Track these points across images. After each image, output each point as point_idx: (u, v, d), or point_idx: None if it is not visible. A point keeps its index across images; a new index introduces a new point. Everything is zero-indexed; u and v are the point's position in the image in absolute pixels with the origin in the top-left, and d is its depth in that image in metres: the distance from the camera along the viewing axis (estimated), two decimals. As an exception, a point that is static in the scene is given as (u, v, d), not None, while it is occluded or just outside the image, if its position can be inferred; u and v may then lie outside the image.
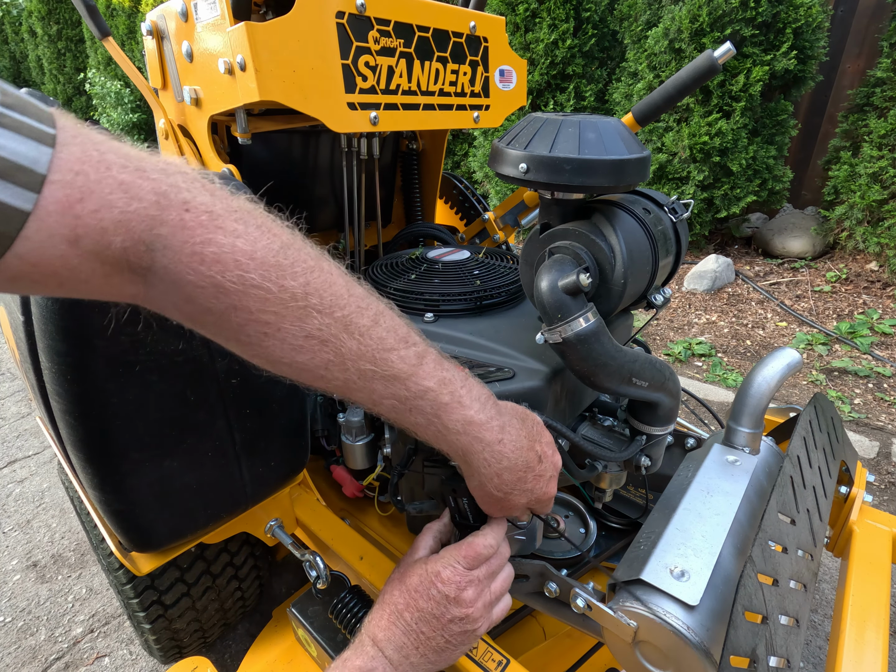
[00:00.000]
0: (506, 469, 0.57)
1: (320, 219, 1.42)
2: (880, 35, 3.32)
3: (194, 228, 0.39)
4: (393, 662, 0.57)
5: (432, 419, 0.52)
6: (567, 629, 1.05)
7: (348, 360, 0.47)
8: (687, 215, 0.83)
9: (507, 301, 0.98)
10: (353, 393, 0.50)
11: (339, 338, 0.46)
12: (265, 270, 0.41)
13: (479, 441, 0.54)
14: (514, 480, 0.58)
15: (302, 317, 0.44)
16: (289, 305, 0.43)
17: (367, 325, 0.47)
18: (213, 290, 0.40)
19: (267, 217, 0.45)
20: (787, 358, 0.85)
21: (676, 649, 0.57)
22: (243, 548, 1.16)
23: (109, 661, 1.38)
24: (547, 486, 0.62)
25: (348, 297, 0.47)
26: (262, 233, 0.42)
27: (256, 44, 0.79)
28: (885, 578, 0.85)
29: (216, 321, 0.43)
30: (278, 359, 0.46)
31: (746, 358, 2.89)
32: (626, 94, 3.86)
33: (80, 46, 8.05)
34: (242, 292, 0.41)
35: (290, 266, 0.43)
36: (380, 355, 0.48)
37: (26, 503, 1.98)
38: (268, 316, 0.42)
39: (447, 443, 0.54)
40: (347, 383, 0.48)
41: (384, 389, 0.49)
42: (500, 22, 1.16)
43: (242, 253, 0.40)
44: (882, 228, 3.25)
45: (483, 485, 0.58)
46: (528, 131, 0.71)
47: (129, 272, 0.39)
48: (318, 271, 0.45)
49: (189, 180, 0.40)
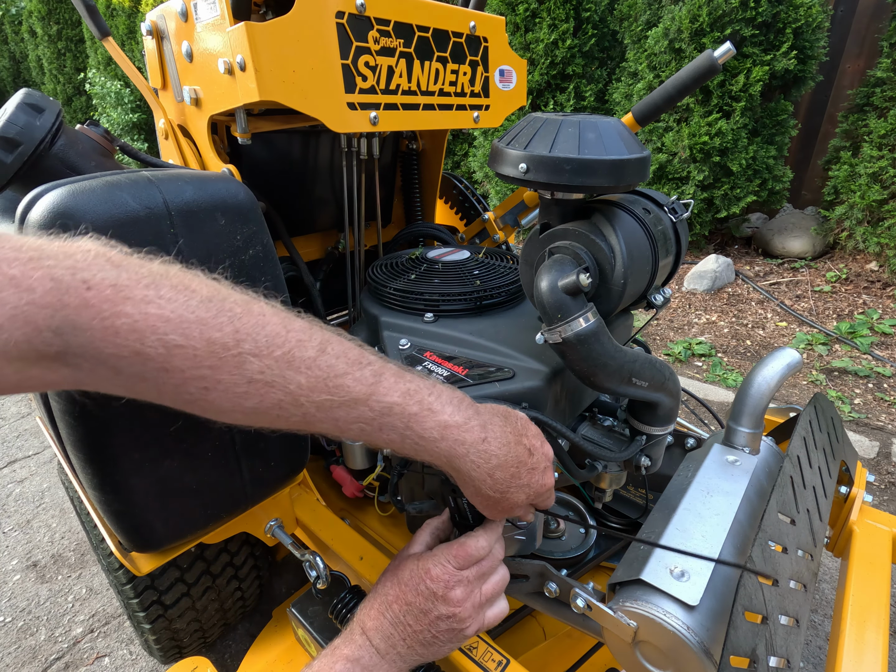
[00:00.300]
0: (497, 467, 0.56)
1: (320, 219, 1.42)
2: (880, 35, 3.32)
3: (99, 304, 0.39)
4: (380, 651, 0.57)
5: (405, 433, 0.52)
6: (567, 629, 1.05)
7: (300, 395, 0.47)
8: (687, 215, 0.83)
9: (507, 301, 0.98)
10: (316, 425, 0.50)
11: (284, 376, 0.46)
12: (186, 328, 0.41)
13: (461, 444, 0.54)
14: (508, 478, 0.58)
15: (239, 364, 0.44)
16: (222, 356, 0.43)
17: (312, 357, 0.47)
18: (138, 359, 0.41)
19: (184, 275, 0.45)
20: (787, 358, 0.85)
21: (676, 649, 0.57)
22: (243, 548, 1.16)
23: (109, 661, 1.38)
24: (543, 478, 0.61)
25: (286, 333, 0.47)
26: (178, 292, 0.42)
27: (256, 44, 0.79)
28: (885, 578, 0.85)
29: (153, 387, 0.43)
30: (229, 409, 0.46)
31: (746, 358, 2.89)
32: (626, 94, 3.86)
33: (80, 46, 8.05)
34: (167, 355, 0.41)
35: (213, 318, 0.43)
36: (333, 383, 0.48)
37: (26, 503, 1.98)
38: (203, 371, 0.43)
39: (429, 453, 0.54)
40: (307, 417, 0.48)
41: (347, 415, 0.49)
42: (500, 22, 1.16)
43: (157, 317, 0.41)
44: (882, 228, 3.25)
45: (478, 489, 0.58)
46: (528, 131, 0.71)
47: (46, 360, 0.39)
48: (247, 316, 0.45)
49: (90, 258, 0.40)
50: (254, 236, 0.79)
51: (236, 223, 0.77)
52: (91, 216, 0.63)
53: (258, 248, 0.80)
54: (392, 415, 0.51)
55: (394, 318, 0.93)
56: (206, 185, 0.75)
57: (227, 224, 0.76)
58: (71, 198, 0.63)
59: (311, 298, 1.30)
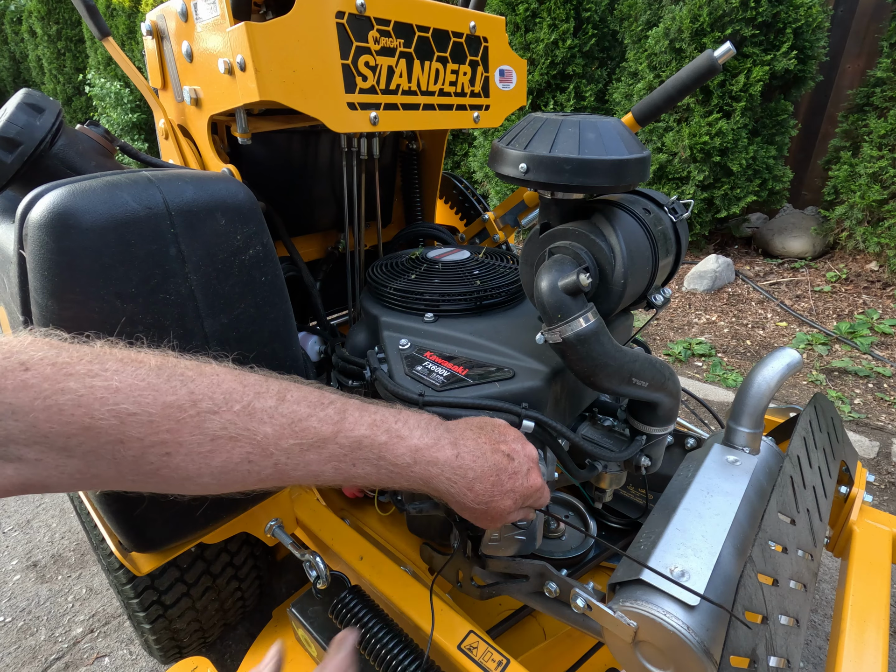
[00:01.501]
0: (475, 480, 0.57)
1: (320, 219, 1.42)
2: (880, 35, 3.32)
3: (39, 384, 0.38)
4: None
5: (379, 463, 0.52)
6: (567, 629, 1.05)
7: (268, 445, 0.46)
8: (687, 215, 0.83)
9: (507, 301, 0.98)
10: (289, 474, 0.49)
11: (248, 428, 0.45)
12: (138, 395, 0.41)
13: (434, 464, 0.54)
14: (490, 487, 0.58)
15: (199, 423, 0.43)
16: (180, 419, 0.42)
17: (273, 406, 0.47)
18: (89, 434, 0.39)
19: (129, 350, 0.44)
20: (787, 358, 0.85)
21: (676, 649, 0.57)
22: (243, 548, 1.16)
23: (109, 661, 1.38)
24: (528, 481, 0.61)
25: (243, 388, 0.47)
26: (124, 364, 0.42)
27: (256, 44, 0.79)
28: (885, 578, 0.85)
29: (110, 465, 0.42)
30: (195, 474, 0.45)
31: (746, 358, 2.88)
32: (626, 94, 3.85)
33: (80, 46, 8.04)
34: (121, 424, 0.40)
35: (165, 383, 0.43)
36: (298, 427, 0.48)
37: (26, 503, 1.98)
38: (162, 436, 0.42)
39: (406, 479, 0.54)
40: (278, 467, 0.48)
41: (319, 457, 0.49)
42: (500, 22, 1.16)
43: (104, 389, 0.40)
44: (882, 228, 3.25)
45: (462, 504, 0.58)
46: (528, 131, 0.71)
47: None
48: (200, 377, 0.45)
49: (26, 343, 0.40)
50: (254, 236, 0.79)
51: (236, 223, 0.77)
52: (91, 216, 0.63)
53: (258, 248, 0.80)
54: (362, 448, 0.51)
55: (394, 318, 0.93)
56: (206, 185, 0.75)
57: (227, 224, 0.76)
58: (71, 198, 0.63)
59: (311, 298, 1.30)
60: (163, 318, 0.71)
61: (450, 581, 0.92)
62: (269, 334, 0.84)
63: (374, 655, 0.80)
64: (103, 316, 0.65)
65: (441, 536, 1.02)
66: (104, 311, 0.65)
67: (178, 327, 0.72)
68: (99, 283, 0.64)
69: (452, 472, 0.55)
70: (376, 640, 0.81)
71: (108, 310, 0.65)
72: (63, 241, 0.62)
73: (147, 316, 0.69)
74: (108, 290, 0.65)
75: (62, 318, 0.64)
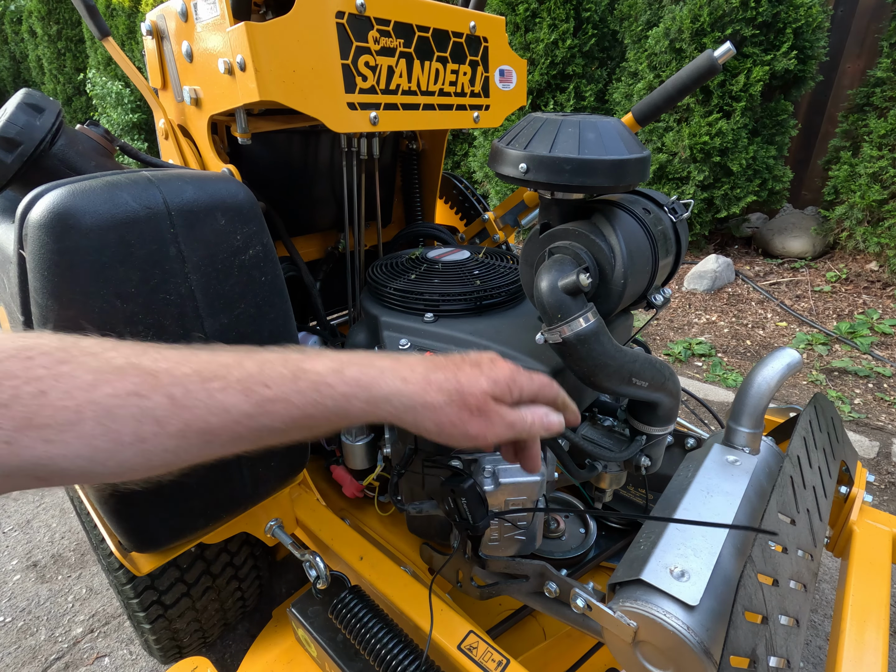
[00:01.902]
0: (430, 370, 0.50)
1: (320, 219, 1.42)
2: (880, 35, 3.32)
3: None
4: None
5: (297, 381, 0.45)
6: (567, 629, 1.05)
7: (159, 372, 0.41)
8: (687, 215, 0.83)
9: (507, 301, 0.98)
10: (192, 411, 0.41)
11: (134, 363, 0.40)
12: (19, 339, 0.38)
13: (369, 367, 0.48)
14: (452, 377, 0.50)
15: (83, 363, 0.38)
16: (60, 358, 0.38)
17: (175, 350, 0.43)
18: None
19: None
20: (787, 358, 0.85)
21: (676, 649, 0.57)
22: (243, 548, 1.16)
23: (109, 661, 1.38)
24: (494, 367, 0.53)
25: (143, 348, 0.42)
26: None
27: (256, 44, 0.79)
28: (885, 578, 0.85)
29: None
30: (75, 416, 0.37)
31: (746, 358, 2.88)
32: (626, 94, 3.85)
33: (80, 46, 8.04)
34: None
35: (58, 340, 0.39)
36: (196, 357, 0.43)
37: (26, 503, 1.98)
38: (37, 371, 0.36)
39: (332, 399, 0.46)
40: (175, 400, 0.41)
41: (223, 383, 0.42)
42: (500, 22, 1.16)
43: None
44: (882, 228, 3.25)
45: (425, 402, 0.49)
46: (528, 131, 0.71)
47: None
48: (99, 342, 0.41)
49: None
50: (254, 236, 0.79)
51: (236, 223, 0.77)
52: (91, 216, 0.63)
53: (258, 248, 0.80)
54: (272, 363, 0.45)
55: (394, 318, 0.93)
56: (206, 185, 0.75)
57: (227, 224, 0.76)
58: (71, 198, 0.63)
59: (311, 298, 1.30)
60: (163, 317, 0.71)
61: (450, 581, 0.92)
62: (268, 334, 0.84)
63: (373, 655, 0.80)
64: (103, 316, 0.65)
65: (441, 536, 1.03)
66: (104, 310, 0.65)
67: (177, 327, 0.72)
68: (99, 283, 0.64)
69: (394, 372, 0.49)
70: (376, 640, 0.81)
71: (108, 310, 0.65)
72: (63, 241, 0.62)
73: (147, 316, 0.69)
74: (108, 290, 0.65)
75: (62, 318, 0.64)
